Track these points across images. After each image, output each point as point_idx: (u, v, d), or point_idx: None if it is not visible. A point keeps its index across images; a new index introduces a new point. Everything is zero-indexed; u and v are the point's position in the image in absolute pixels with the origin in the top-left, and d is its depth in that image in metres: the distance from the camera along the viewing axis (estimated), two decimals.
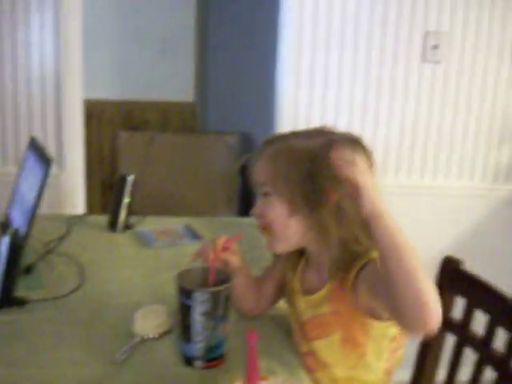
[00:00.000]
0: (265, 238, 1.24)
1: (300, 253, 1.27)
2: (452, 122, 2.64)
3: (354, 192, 1.02)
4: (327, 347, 1.18)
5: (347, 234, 1.14)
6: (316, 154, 1.14)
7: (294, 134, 1.23)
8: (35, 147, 1.75)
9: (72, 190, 2.69)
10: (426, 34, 2.52)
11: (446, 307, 1.40)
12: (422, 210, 2.68)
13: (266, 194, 1.20)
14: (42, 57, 2.51)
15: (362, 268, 1.12)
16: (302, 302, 1.24)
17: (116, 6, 3.91)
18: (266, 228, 1.21)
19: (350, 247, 1.14)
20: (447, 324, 1.39)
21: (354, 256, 1.14)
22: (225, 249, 1.26)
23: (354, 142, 1.17)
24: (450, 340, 1.40)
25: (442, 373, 1.40)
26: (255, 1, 4.25)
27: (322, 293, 1.18)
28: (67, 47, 2.50)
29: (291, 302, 1.29)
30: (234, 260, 1.28)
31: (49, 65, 2.52)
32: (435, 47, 2.53)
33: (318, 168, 1.12)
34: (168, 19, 3.96)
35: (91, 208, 3.08)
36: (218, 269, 1.22)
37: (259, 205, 1.21)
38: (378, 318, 1.12)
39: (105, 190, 4.08)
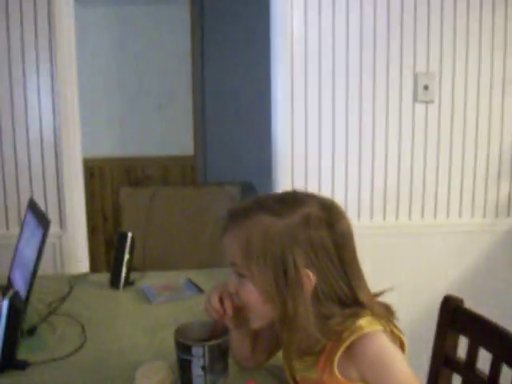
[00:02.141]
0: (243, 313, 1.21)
1: None
2: (448, 159, 2.66)
3: None
4: None
5: (327, 313, 1.12)
6: (290, 235, 1.09)
7: (262, 207, 1.13)
8: (34, 209, 1.76)
9: (75, 249, 2.69)
10: (416, 76, 2.56)
11: (450, 347, 1.38)
12: (424, 249, 2.68)
13: (239, 275, 1.15)
14: (41, 119, 2.56)
15: (351, 346, 1.08)
16: (295, 361, 1.21)
17: (113, 63, 4.00)
18: (242, 307, 1.18)
19: (328, 326, 1.11)
20: (452, 364, 1.38)
21: (336, 333, 1.11)
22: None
23: (327, 210, 1.13)
24: (457, 380, 1.38)
25: None
26: (249, 55, 4.34)
27: (309, 359, 1.16)
28: (65, 108, 2.55)
29: (285, 357, 1.26)
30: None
31: (47, 127, 2.57)
32: (426, 87, 2.57)
33: (292, 250, 1.08)
34: (165, 75, 4.05)
35: (96, 266, 3.09)
36: (215, 321, 1.21)
37: (233, 283, 1.17)
38: None
39: (109, 247, 4.08)
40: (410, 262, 2.65)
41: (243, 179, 4.26)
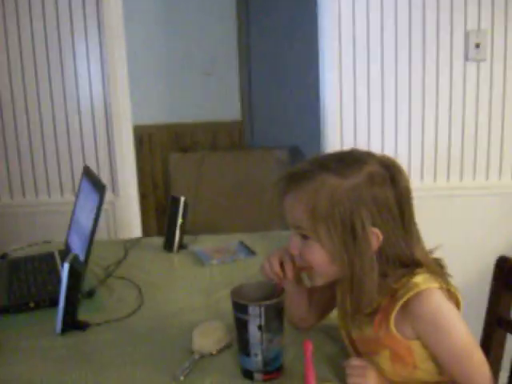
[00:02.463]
0: (306, 273, 1.23)
1: None
2: (501, 119, 2.60)
3: None
4: (379, 363, 1.16)
5: (384, 271, 1.13)
6: (356, 195, 1.09)
7: (323, 168, 1.13)
8: (89, 175, 1.81)
9: (128, 215, 2.75)
10: (467, 33, 2.50)
11: (504, 307, 1.38)
12: (475, 211, 2.64)
13: (304, 236, 1.15)
14: (91, 87, 2.60)
15: (407, 303, 1.10)
16: (350, 320, 1.23)
17: (160, 30, 4.02)
18: (306, 268, 1.19)
19: (386, 283, 1.13)
20: (506, 324, 1.37)
21: (392, 290, 1.12)
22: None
23: (388, 169, 1.13)
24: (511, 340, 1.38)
25: (503, 375, 1.38)
26: (294, 17, 4.29)
27: (365, 318, 1.17)
28: (114, 76, 2.58)
29: (341, 316, 1.28)
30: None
31: (97, 95, 2.61)
32: (477, 46, 2.51)
33: (359, 210, 1.09)
34: (212, 41, 4.04)
35: (147, 232, 3.15)
36: (269, 282, 1.24)
37: (297, 244, 1.17)
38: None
39: (160, 213, 4.16)
40: (461, 225, 2.62)
41: (290, 144, 4.26)
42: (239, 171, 4.03)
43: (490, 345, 1.37)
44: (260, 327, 1.13)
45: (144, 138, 4.05)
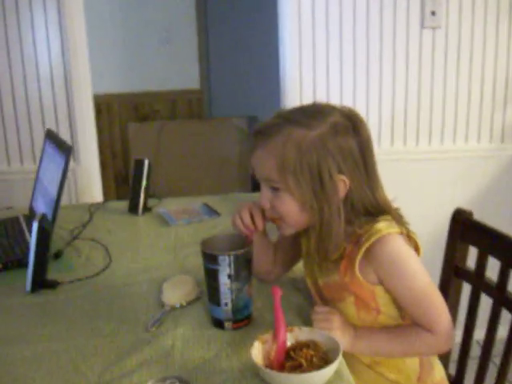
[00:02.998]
0: (275, 223, 1.27)
1: None
2: (455, 86, 2.68)
3: None
4: (344, 309, 1.23)
5: (350, 218, 1.19)
6: (322, 145, 1.14)
7: (289, 121, 1.18)
8: (52, 138, 1.81)
9: (88, 182, 2.75)
10: (423, 1, 2.56)
11: (460, 257, 1.45)
12: (431, 174, 2.73)
13: (274, 188, 1.20)
14: (50, 55, 2.57)
15: (370, 248, 1.15)
16: (317, 268, 1.28)
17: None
18: (278, 219, 1.24)
19: (350, 229, 1.19)
20: (462, 273, 1.45)
21: (356, 236, 1.18)
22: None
23: (350, 118, 1.18)
24: (467, 288, 1.45)
25: (460, 319, 1.46)
26: None
27: (331, 264, 1.22)
28: (73, 43, 2.56)
29: (307, 266, 1.33)
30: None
31: (57, 62, 2.58)
32: (433, 13, 2.57)
33: (326, 159, 1.14)
34: (170, 9, 4.02)
35: (107, 200, 3.14)
36: (238, 234, 1.28)
37: (267, 197, 1.21)
38: None
39: (119, 182, 4.15)
40: (417, 187, 2.70)
41: (249, 113, 4.29)
42: (198, 140, 4.05)
43: (447, 293, 1.44)
44: (230, 276, 1.17)
45: (102, 108, 4.02)
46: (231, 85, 4.48)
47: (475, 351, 1.45)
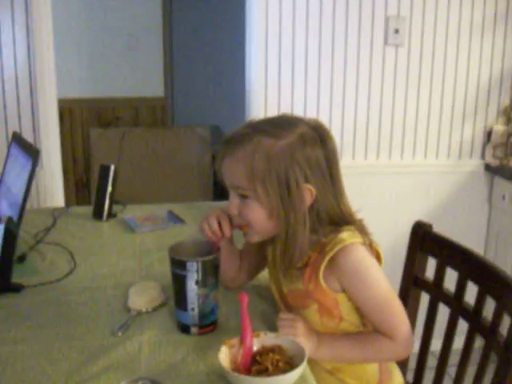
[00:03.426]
0: (242, 230, 1.29)
1: None
2: (416, 103, 2.76)
3: None
4: (307, 316, 1.26)
5: (315, 227, 1.22)
6: (290, 154, 1.17)
7: (258, 131, 1.21)
8: (19, 141, 1.80)
9: (51, 187, 2.73)
10: (387, 19, 2.63)
11: (419, 268, 1.50)
12: (391, 188, 2.80)
13: (242, 196, 1.22)
14: (16, 57, 2.56)
15: (333, 257, 1.19)
16: (282, 276, 1.31)
17: (83, 2, 3.96)
18: (244, 226, 1.26)
19: (315, 238, 1.23)
20: (421, 283, 1.50)
21: (321, 245, 1.21)
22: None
23: (317, 130, 1.23)
24: (426, 298, 1.50)
25: (418, 330, 1.50)
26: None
27: (296, 272, 1.26)
28: (40, 47, 2.55)
29: (272, 274, 1.36)
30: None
31: (22, 65, 2.57)
32: (396, 31, 2.64)
33: (293, 168, 1.17)
34: (136, 16, 4.02)
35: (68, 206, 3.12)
36: (205, 240, 1.30)
37: (236, 205, 1.24)
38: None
39: (79, 187, 4.12)
40: (378, 200, 2.77)
41: (211, 122, 4.31)
42: (160, 148, 4.05)
43: (406, 302, 1.49)
44: (197, 282, 1.19)
45: (65, 113, 3.99)
46: (195, 94, 4.50)
47: (432, 361, 1.50)
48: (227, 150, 1.23)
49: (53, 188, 2.72)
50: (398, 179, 2.80)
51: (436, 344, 1.48)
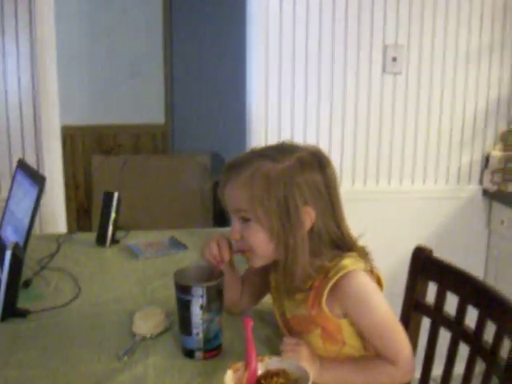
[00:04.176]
0: (245, 256, 1.31)
1: None
2: (414, 130, 2.80)
3: None
4: (311, 341, 1.27)
5: (318, 251, 1.25)
6: (289, 177, 1.20)
7: (258, 155, 1.25)
8: (25, 168, 1.83)
9: (53, 213, 2.75)
10: (385, 48, 2.68)
11: (420, 292, 1.52)
12: (390, 214, 2.82)
13: (244, 219, 1.24)
14: (20, 85, 2.60)
15: (336, 283, 1.21)
16: (285, 301, 1.33)
17: (85, 30, 4.02)
18: (247, 251, 1.28)
19: (318, 263, 1.25)
20: (422, 308, 1.51)
21: (324, 270, 1.24)
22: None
23: (316, 156, 1.26)
24: (426, 322, 1.52)
25: (420, 356, 1.52)
26: (223, 23, 4.38)
27: (299, 297, 1.28)
28: (43, 75, 2.59)
29: (275, 299, 1.38)
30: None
31: (26, 92, 2.61)
32: (394, 59, 2.69)
33: (292, 191, 1.20)
34: (136, 44, 4.08)
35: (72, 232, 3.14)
36: (208, 266, 1.32)
37: (237, 229, 1.26)
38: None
39: (81, 215, 4.14)
40: (377, 226, 2.78)
41: (212, 149, 4.35)
42: (161, 175, 4.09)
43: (407, 326, 1.50)
44: (202, 307, 1.21)
45: (66, 140, 4.02)
46: (196, 121, 4.54)
47: None
48: (228, 175, 1.26)
49: (55, 214, 2.75)
50: (397, 205, 2.83)
51: (437, 370, 1.50)
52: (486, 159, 2.87)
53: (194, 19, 4.41)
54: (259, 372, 1.10)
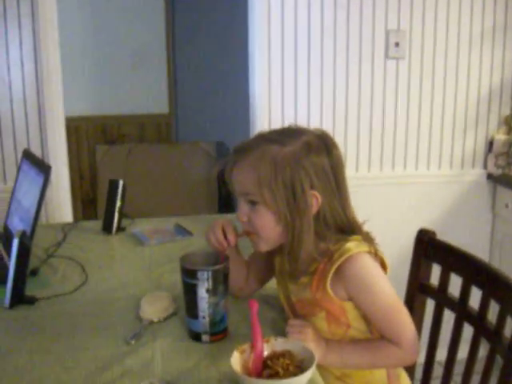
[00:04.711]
0: (251, 239, 1.32)
1: None
2: (418, 114, 2.80)
3: None
4: (316, 324, 1.29)
5: (323, 234, 1.26)
6: (295, 161, 1.21)
7: (265, 139, 1.26)
8: (30, 157, 1.84)
9: (58, 203, 2.77)
10: (388, 33, 2.68)
11: (424, 274, 1.53)
12: (394, 199, 2.83)
13: (251, 202, 1.25)
14: (23, 76, 2.60)
15: (340, 266, 1.22)
16: (290, 284, 1.35)
17: (89, 21, 4.02)
18: (253, 233, 1.29)
19: (322, 246, 1.26)
20: (426, 289, 1.53)
21: (328, 253, 1.25)
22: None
23: (322, 139, 1.27)
24: (431, 306, 1.53)
25: (425, 333, 1.53)
26: (224, 11, 4.37)
27: (304, 280, 1.29)
28: (47, 66, 2.59)
29: (280, 283, 1.40)
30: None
31: (30, 84, 2.61)
32: (397, 44, 2.69)
33: (299, 174, 1.21)
34: (140, 34, 4.08)
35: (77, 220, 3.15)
36: (214, 251, 1.33)
37: (245, 212, 1.27)
38: None
39: (86, 205, 4.16)
40: (382, 210, 2.80)
41: (216, 138, 4.35)
42: (166, 164, 4.10)
43: (412, 308, 1.52)
44: (208, 290, 1.22)
45: (70, 130, 4.02)
46: (199, 110, 4.53)
47: (439, 371, 1.52)
48: (236, 159, 1.27)
49: (61, 203, 2.76)
50: (401, 190, 2.84)
51: (442, 354, 1.51)
52: (490, 143, 2.87)
53: (196, 8, 4.40)
54: (265, 353, 1.12)
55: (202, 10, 4.42)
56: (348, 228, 1.27)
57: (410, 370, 1.51)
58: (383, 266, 1.28)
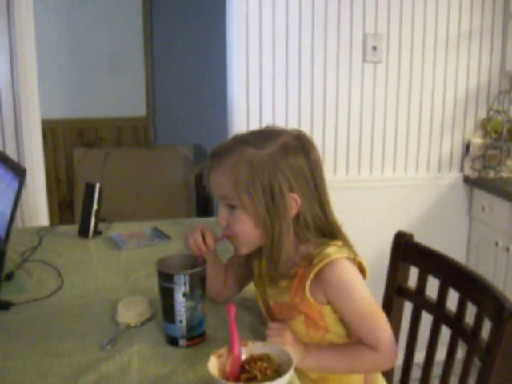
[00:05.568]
0: (231, 242, 1.31)
1: None
2: (395, 118, 2.82)
3: None
4: (294, 327, 1.28)
5: (304, 237, 1.25)
6: (273, 163, 1.20)
7: (242, 142, 1.24)
8: (4, 160, 1.82)
9: (34, 206, 2.74)
10: (365, 36, 2.69)
11: (402, 277, 1.53)
12: (372, 202, 2.84)
13: (230, 206, 1.24)
14: None
15: (320, 271, 1.22)
16: (268, 288, 1.34)
17: (65, 24, 3.98)
18: (233, 237, 1.29)
19: (302, 250, 1.26)
20: (404, 292, 1.53)
21: (308, 257, 1.24)
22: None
23: (300, 140, 1.25)
24: (409, 308, 1.53)
25: (403, 336, 1.53)
26: (203, 14, 4.37)
27: (283, 284, 1.28)
28: (23, 67, 2.57)
29: (258, 286, 1.39)
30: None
31: (5, 86, 2.59)
32: (374, 48, 2.70)
33: (277, 177, 1.20)
34: (117, 36, 4.05)
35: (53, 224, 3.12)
36: (191, 254, 1.32)
37: (224, 216, 1.26)
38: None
39: (63, 209, 4.12)
40: (360, 215, 2.81)
41: (194, 142, 4.34)
42: (144, 168, 4.07)
43: (390, 311, 1.52)
44: (185, 294, 1.21)
45: (47, 133, 3.99)
46: (177, 113, 4.52)
47: (417, 373, 1.53)
48: (213, 162, 1.26)
49: (37, 207, 2.73)
50: (379, 193, 2.85)
51: (420, 356, 1.51)
52: (467, 146, 2.89)
53: (175, 10, 4.39)
54: (243, 357, 1.11)
55: (180, 12, 4.42)
56: (328, 229, 1.26)
57: (389, 373, 1.51)
58: (362, 271, 1.28)
